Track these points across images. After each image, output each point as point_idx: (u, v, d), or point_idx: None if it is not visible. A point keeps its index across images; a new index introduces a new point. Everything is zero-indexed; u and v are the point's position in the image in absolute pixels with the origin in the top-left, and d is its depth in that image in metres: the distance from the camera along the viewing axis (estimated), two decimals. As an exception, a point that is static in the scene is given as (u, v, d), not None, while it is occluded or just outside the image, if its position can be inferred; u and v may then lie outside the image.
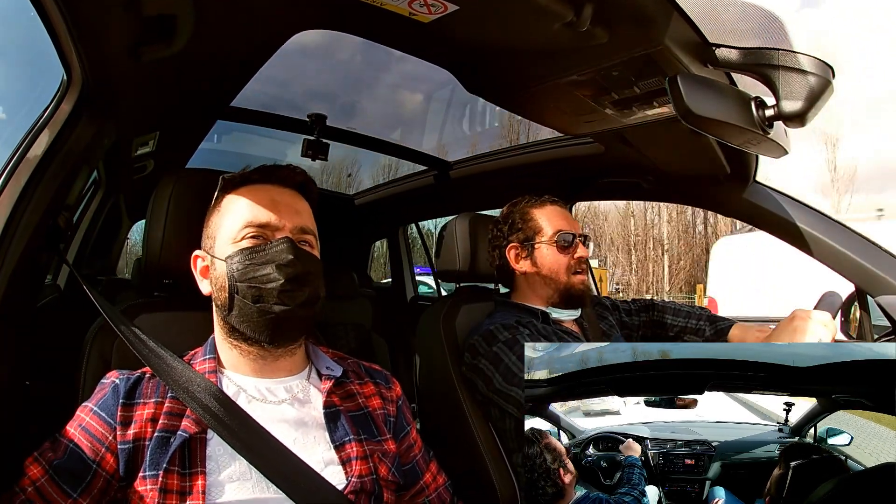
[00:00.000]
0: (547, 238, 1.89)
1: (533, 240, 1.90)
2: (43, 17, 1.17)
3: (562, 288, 1.87)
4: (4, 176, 1.26)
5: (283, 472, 1.07)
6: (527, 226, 1.92)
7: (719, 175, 1.92)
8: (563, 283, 1.87)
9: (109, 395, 1.11)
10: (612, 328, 2.06)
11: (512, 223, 1.96)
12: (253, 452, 1.07)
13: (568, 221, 1.92)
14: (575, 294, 1.88)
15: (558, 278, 1.87)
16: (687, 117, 1.11)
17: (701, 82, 1.12)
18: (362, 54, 2.67)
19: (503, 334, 1.72)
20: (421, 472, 1.37)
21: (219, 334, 1.24)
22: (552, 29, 1.18)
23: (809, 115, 1.09)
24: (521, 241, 1.92)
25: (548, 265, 1.88)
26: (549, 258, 1.88)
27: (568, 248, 1.87)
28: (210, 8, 1.23)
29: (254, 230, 1.17)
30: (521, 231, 1.93)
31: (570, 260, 1.87)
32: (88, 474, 1.03)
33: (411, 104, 3.01)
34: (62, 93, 1.37)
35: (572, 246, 1.87)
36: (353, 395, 1.30)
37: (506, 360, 1.68)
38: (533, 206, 1.95)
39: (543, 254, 1.89)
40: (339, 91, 3.27)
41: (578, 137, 2.04)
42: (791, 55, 1.08)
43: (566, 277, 1.87)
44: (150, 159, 2.61)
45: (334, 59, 2.49)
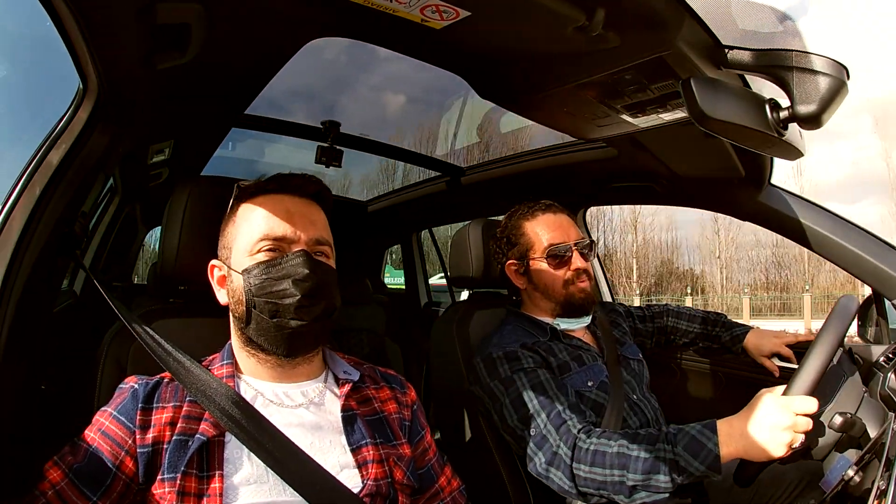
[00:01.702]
0: (539, 253, 1.87)
1: (527, 256, 1.89)
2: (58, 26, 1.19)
3: (561, 300, 1.86)
4: (21, 183, 1.27)
5: (300, 475, 1.08)
6: (520, 241, 1.92)
7: (734, 178, 1.90)
8: (561, 296, 1.86)
9: (129, 400, 1.12)
10: (626, 335, 2.04)
11: (507, 238, 1.95)
12: (270, 456, 1.08)
13: (562, 231, 1.89)
14: (576, 304, 1.86)
15: (555, 292, 1.86)
16: (701, 120, 1.10)
17: (714, 85, 1.11)
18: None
19: (503, 368, 1.71)
20: (436, 476, 1.37)
21: (236, 343, 1.25)
22: (564, 33, 1.18)
23: (824, 116, 1.08)
24: (517, 257, 1.92)
25: (543, 281, 1.88)
26: (544, 274, 1.87)
27: (562, 262, 1.85)
28: (223, 16, 1.24)
29: (270, 243, 1.17)
30: (516, 247, 1.92)
31: (566, 272, 1.85)
32: (108, 478, 1.04)
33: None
34: (78, 101, 1.38)
35: (566, 258, 1.85)
36: (369, 399, 1.30)
37: (502, 399, 1.68)
38: (525, 219, 1.93)
39: (538, 269, 1.88)
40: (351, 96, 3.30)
41: (591, 142, 2.03)
42: (805, 56, 1.07)
43: (563, 290, 1.85)
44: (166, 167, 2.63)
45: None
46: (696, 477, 1.34)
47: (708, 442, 1.33)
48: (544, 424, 1.57)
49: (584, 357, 1.80)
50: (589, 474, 1.45)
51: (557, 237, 1.87)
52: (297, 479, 1.08)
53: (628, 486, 1.39)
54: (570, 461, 1.48)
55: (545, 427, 1.56)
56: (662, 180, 2.13)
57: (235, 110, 1.96)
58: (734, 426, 1.33)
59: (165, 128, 2.09)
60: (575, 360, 1.77)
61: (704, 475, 1.33)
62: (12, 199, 1.25)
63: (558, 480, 1.51)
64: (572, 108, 1.59)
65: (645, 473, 1.37)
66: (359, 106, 3.57)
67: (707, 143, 1.65)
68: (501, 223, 2.02)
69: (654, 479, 1.37)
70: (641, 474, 1.38)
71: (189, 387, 1.14)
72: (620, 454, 1.42)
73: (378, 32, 1.35)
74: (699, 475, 1.34)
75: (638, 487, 1.39)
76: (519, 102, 1.65)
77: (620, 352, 1.92)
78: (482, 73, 1.54)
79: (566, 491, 1.51)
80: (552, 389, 1.63)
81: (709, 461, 1.32)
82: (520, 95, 1.59)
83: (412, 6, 1.14)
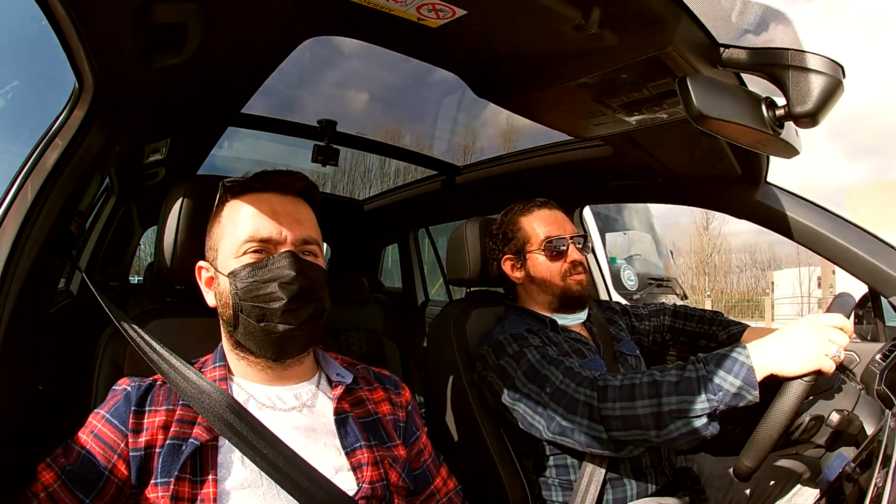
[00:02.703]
0: (536, 246, 1.89)
1: (524, 250, 1.91)
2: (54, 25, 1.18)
3: (559, 293, 1.88)
4: (17, 183, 1.27)
5: (295, 478, 1.07)
6: (516, 236, 1.94)
7: (730, 176, 1.90)
8: (558, 288, 1.87)
9: (121, 403, 1.12)
10: (622, 332, 2.05)
11: (504, 234, 1.98)
12: (264, 459, 1.07)
13: (558, 225, 1.91)
14: (573, 296, 1.87)
15: (553, 284, 1.87)
16: (697, 119, 1.10)
17: (711, 83, 1.11)
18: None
19: (511, 346, 1.71)
20: (431, 477, 1.37)
21: (226, 345, 1.24)
22: (561, 32, 1.18)
23: (821, 114, 1.08)
24: (514, 251, 1.94)
25: (541, 273, 1.89)
26: (541, 266, 1.89)
27: (559, 254, 1.87)
28: (219, 15, 1.23)
29: (255, 245, 1.16)
30: (513, 242, 1.94)
31: (563, 265, 1.87)
32: (101, 481, 1.04)
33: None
34: (74, 100, 1.38)
35: (563, 251, 1.87)
36: (362, 401, 1.30)
37: (513, 374, 1.66)
38: (521, 215, 1.96)
39: (536, 262, 1.90)
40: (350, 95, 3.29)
41: (588, 140, 2.04)
42: (801, 54, 1.07)
43: (561, 282, 1.87)
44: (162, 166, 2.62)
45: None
46: (733, 396, 1.28)
47: (739, 356, 1.29)
48: (560, 380, 1.53)
49: (583, 350, 1.81)
50: (621, 412, 1.39)
51: (554, 230, 1.89)
52: (292, 482, 1.07)
53: (665, 414, 1.33)
54: (598, 402, 1.43)
55: (562, 382, 1.53)
56: (658, 179, 2.13)
57: (231, 109, 1.96)
58: (766, 342, 1.30)
59: (161, 127, 2.08)
60: (576, 353, 1.77)
61: (740, 392, 1.28)
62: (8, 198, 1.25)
63: (583, 430, 1.46)
64: (568, 106, 1.59)
65: (680, 395, 1.32)
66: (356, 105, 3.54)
67: (703, 141, 1.65)
68: (497, 221, 2.04)
69: (690, 401, 1.31)
70: (677, 396, 1.32)
71: (181, 391, 1.13)
72: (650, 382, 1.37)
73: (374, 31, 1.35)
74: (735, 391, 1.28)
75: (673, 414, 1.32)
76: (515, 101, 1.65)
77: (617, 348, 1.93)
78: (478, 72, 1.55)
79: (593, 440, 1.46)
80: (562, 357, 1.62)
81: (743, 374, 1.27)
82: (516, 94, 1.59)
83: (408, 5, 1.14)
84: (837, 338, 1.26)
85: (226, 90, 1.73)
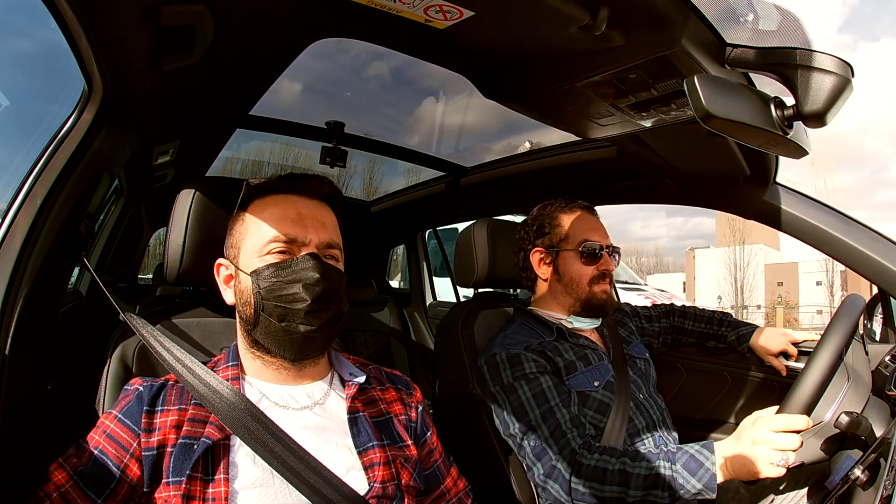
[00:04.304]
0: (572, 246, 1.86)
1: (557, 246, 1.88)
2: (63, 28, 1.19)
3: (583, 298, 1.85)
4: (28, 184, 1.28)
5: (306, 477, 1.07)
6: (553, 231, 1.90)
7: (739, 176, 1.89)
8: (584, 292, 1.85)
9: (133, 403, 1.12)
10: (632, 335, 2.04)
11: (539, 226, 1.94)
12: (276, 458, 1.07)
13: (597, 231, 1.89)
14: (596, 304, 1.85)
15: (580, 288, 1.85)
16: (705, 119, 1.09)
17: (719, 83, 1.10)
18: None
19: (506, 373, 1.70)
20: (441, 477, 1.36)
21: (242, 344, 1.24)
22: (568, 32, 1.18)
23: (829, 114, 1.08)
24: (547, 245, 1.91)
25: (570, 274, 1.86)
26: (571, 267, 1.86)
27: (592, 259, 1.85)
28: (228, 18, 1.24)
29: (280, 245, 1.16)
30: (548, 236, 1.91)
31: (594, 271, 1.85)
32: (113, 481, 1.04)
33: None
34: (83, 102, 1.39)
35: (597, 257, 1.85)
36: (375, 400, 1.30)
37: (503, 407, 1.68)
38: (562, 211, 1.93)
39: (567, 261, 1.87)
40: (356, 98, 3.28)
41: (595, 141, 2.03)
42: (809, 54, 1.06)
43: (587, 287, 1.85)
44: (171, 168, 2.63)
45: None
46: (693, 495, 1.38)
47: (706, 461, 1.38)
48: (545, 437, 1.58)
49: (590, 356, 1.80)
50: (587, 489, 1.48)
51: (594, 235, 1.87)
52: (304, 481, 1.07)
53: (627, 502, 1.44)
54: (570, 475, 1.51)
55: (545, 440, 1.58)
56: (667, 179, 2.13)
57: (240, 111, 1.96)
58: (726, 447, 1.38)
59: (170, 129, 2.09)
60: (581, 360, 1.77)
61: (700, 493, 1.37)
62: (18, 200, 1.26)
63: (555, 493, 1.55)
64: (576, 107, 1.59)
65: (645, 489, 1.41)
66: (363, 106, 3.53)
67: (711, 141, 1.64)
68: (532, 213, 2.00)
69: (654, 494, 1.41)
70: (641, 490, 1.42)
71: (194, 391, 1.13)
72: (621, 471, 1.45)
73: (381, 33, 1.36)
74: (696, 492, 1.37)
75: (636, 503, 1.43)
76: (522, 101, 1.65)
77: (627, 351, 1.92)
78: (486, 73, 1.55)
79: (561, 501, 1.55)
80: (554, 399, 1.63)
81: (705, 480, 1.36)
82: (523, 95, 1.59)
83: (416, 6, 1.14)
84: (783, 443, 1.29)
85: (234, 92, 1.74)
